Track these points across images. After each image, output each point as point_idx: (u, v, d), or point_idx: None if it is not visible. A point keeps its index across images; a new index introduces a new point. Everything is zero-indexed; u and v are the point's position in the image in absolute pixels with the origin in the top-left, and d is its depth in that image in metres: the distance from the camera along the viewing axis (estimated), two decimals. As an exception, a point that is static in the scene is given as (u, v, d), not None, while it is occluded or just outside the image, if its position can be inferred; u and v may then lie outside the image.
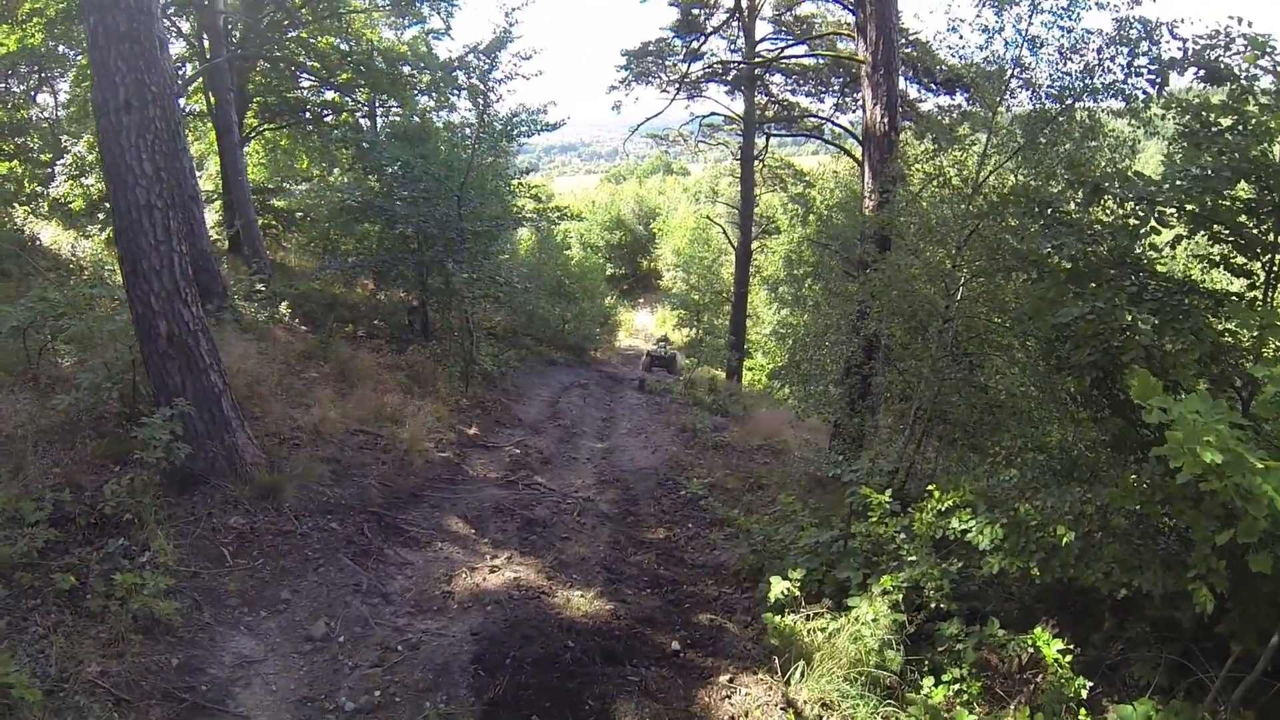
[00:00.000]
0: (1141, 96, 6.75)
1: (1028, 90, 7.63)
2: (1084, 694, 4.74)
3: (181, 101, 17.46)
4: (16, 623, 4.83)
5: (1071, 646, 4.90)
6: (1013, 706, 5.00)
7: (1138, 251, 5.49)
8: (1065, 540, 4.97)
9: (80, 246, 14.11)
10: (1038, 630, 5.07)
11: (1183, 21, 6.15)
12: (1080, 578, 4.95)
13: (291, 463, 7.93)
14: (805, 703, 5.15)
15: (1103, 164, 6.12)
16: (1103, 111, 7.56)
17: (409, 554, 7.21)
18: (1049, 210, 6.03)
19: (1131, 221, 5.30)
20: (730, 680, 5.46)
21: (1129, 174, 5.52)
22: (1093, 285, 5.34)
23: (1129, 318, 4.79)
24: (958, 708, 4.94)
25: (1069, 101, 7.29)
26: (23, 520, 5.45)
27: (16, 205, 13.70)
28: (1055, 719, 4.67)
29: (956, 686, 5.08)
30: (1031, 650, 5.06)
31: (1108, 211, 5.72)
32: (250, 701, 4.87)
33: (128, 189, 6.77)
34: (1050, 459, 6.24)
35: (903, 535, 5.88)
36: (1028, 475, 6.38)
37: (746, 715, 5.09)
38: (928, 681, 5.17)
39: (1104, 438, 5.93)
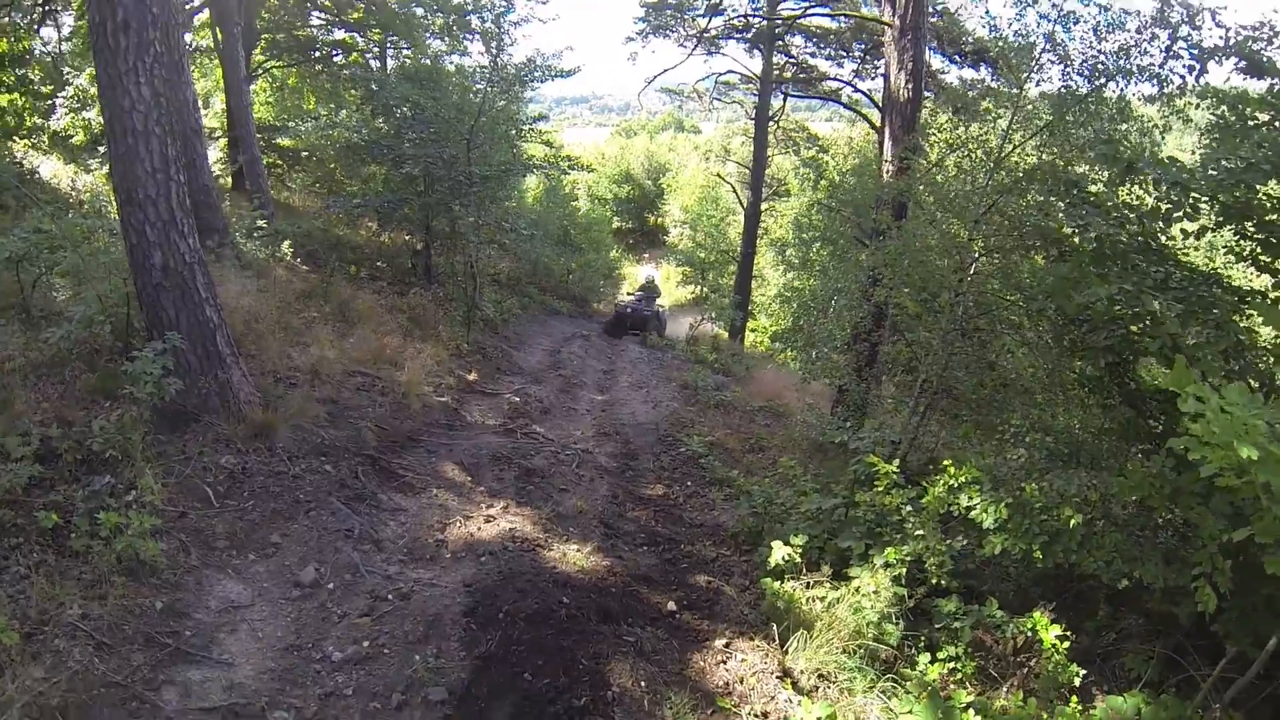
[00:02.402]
0: (1178, 81, 6.50)
1: (1059, 65, 7.33)
2: (1077, 681, 4.71)
3: (189, 37, 17.23)
4: None
5: (1068, 633, 4.86)
6: (1005, 689, 4.95)
7: (1163, 239, 5.32)
8: (1072, 523, 4.90)
9: (80, 180, 13.91)
10: (1036, 614, 5.02)
11: (1225, 9, 5.93)
12: (1081, 564, 4.92)
13: (287, 402, 7.76)
14: (802, 672, 5.09)
15: (1134, 146, 5.89)
16: (1134, 96, 7.30)
17: (403, 500, 7.09)
18: (1074, 189, 5.82)
19: (1163, 205, 5.10)
20: (726, 645, 5.36)
21: (1164, 158, 5.32)
22: (1116, 269, 5.16)
23: (1155, 305, 4.61)
24: (952, 686, 4.88)
25: (1101, 81, 7.02)
26: (7, 456, 5.28)
27: (17, 138, 13.45)
28: (1048, 704, 4.60)
29: (952, 665, 5.06)
30: (1028, 634, 5.03)
31: (1134, 196, 5.53)
32: (235, 648, 4.76)
33: (124, 113, 6.50)
34: (1056, 442, 6.10)
35: (909, 508, 5.76)
36: (1034, 457, 6.24)
37: (742, 681, 4.99)
38: (924, 658, 5.13)
39: (1110, 426, 5.81)
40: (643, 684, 4.77)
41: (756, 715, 4.68)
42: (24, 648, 4.16)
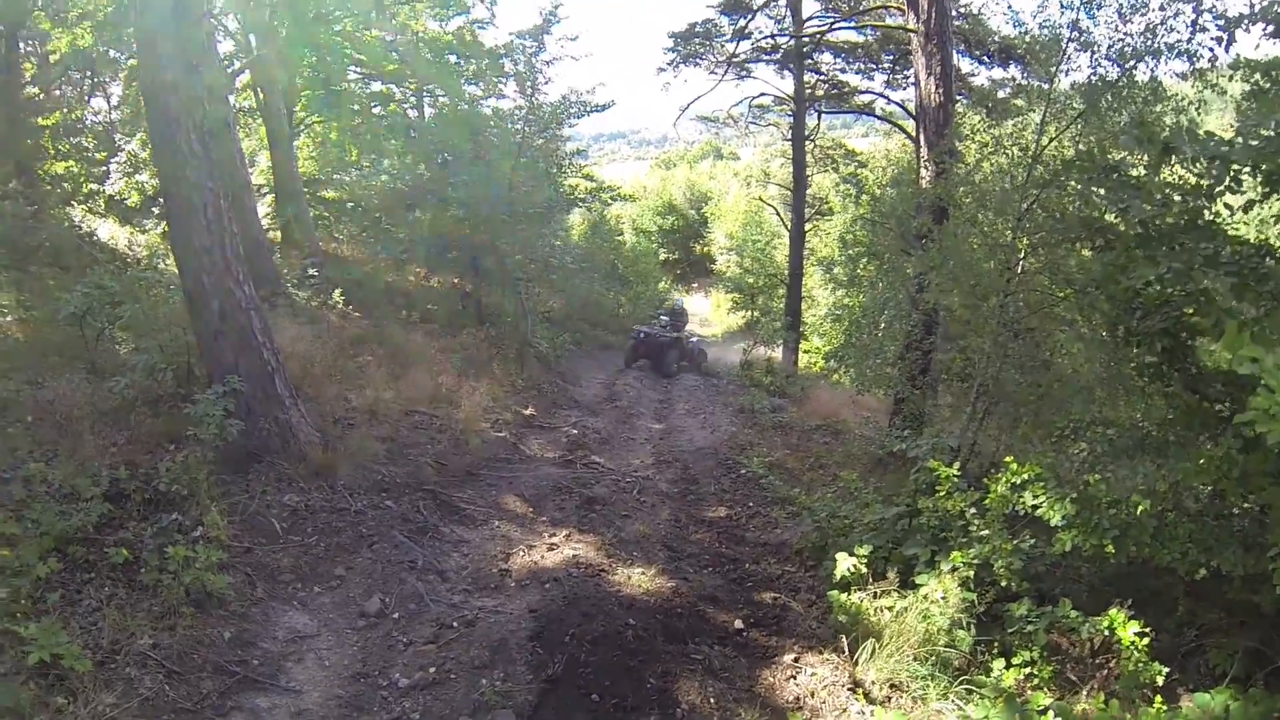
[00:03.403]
0: (1207, 55, 6.37)
1: (1086, 52, 7.22)
2: (1159, 680, 4.51)
3: (232, 99, 17.84)
4: (70, 596, 4.84)
5: (1146, 630, 4.65)
6: (1085, 692, 4.76)
7: (1209, 216, 5.19)
8: (1140, 510, 4.72)
9: (137, 240, 14.35)
10: (1113, 612, 4.80)
11: (1249, -25, 5.79)
12: (1155, 558, 4.71)
13: (346, 441, 7.91)
14: (873, 683, 4.97)
15: (1169, 125, 5.76)
16: (1166, 75, 7.16)
17: (465, 532, 7.15)
18: (1114, 175, 5.72)
19: (1205, 181, 4.97)
20: (795, 660, 5.29)
21: (1200, 132, 5.20)
22: (1163, 250, 5.04)
23: (1206, 282, 4.49)
24: (1029, 691, 4.72)
25: (1130, 64, 6.91)
26: (79, 496, 5.46)
27: (74, 203, 13.96)
28: (1131, 705, 4.43)
29: (1028, 670, 4.87)
30: (1105, 634, 4.81)
31: (1177, 176, 5.40)
32: (302, 676, 4.84)
33: (177, 168, 6.84)
34: (1119, 434, 5.93)
35: (973, 510, 5.64)
36: (1096, 450, 6.07)
37: (812, 695, 4.92)
38: (998, 664, 4.96)
39: (1171, 416, 5.63)
40: (711, 701, 4.73)
41: (831, 728, 4.62)
42: (96, 675, 4.25)
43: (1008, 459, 5.64)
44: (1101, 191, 5.36)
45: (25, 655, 4.10)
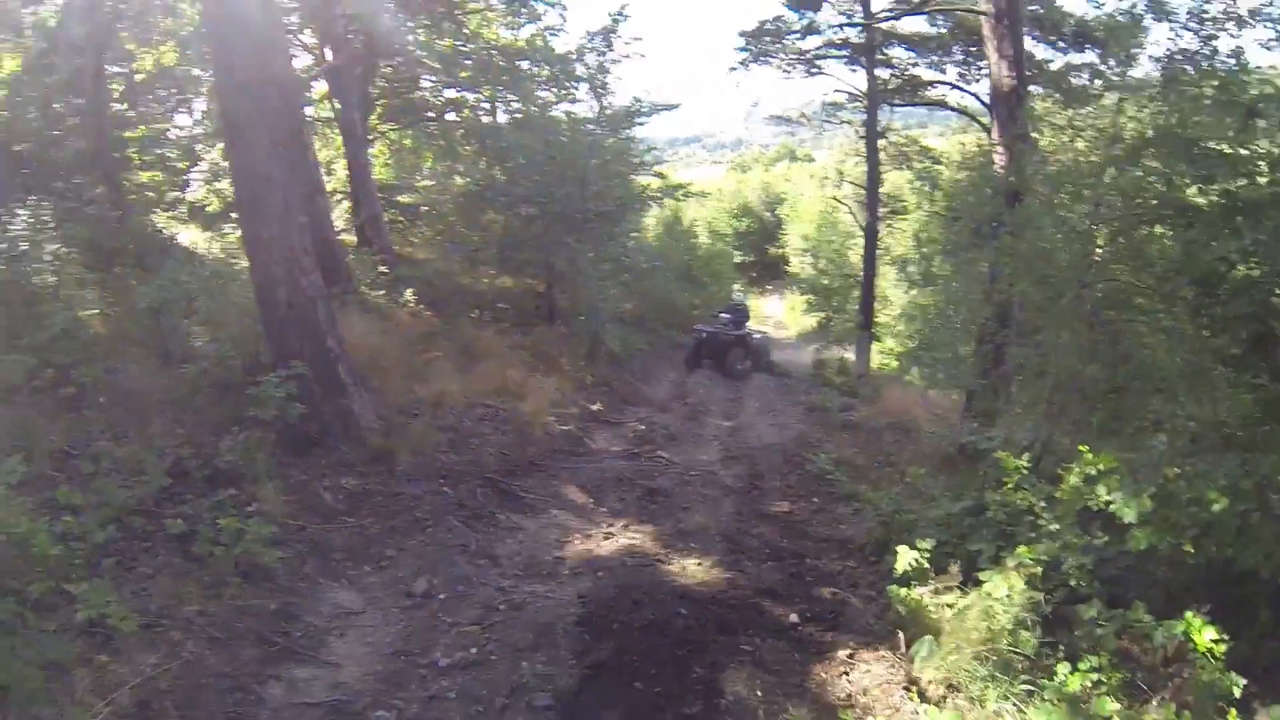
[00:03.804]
0: None
1: (1163, 20, 6.85)
2: (1236, 692, 4.10)
3: (310, 110, 18.34)
4: (126, 562, 5.00)
5: (1224, 637, 4.27)
6: (1156, 701, 4.44)
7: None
8: (1219, 507, 4.42)
9: (215, 246, 14.81)
10: (1189, 615, 4.46)
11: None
12: (1238, 560, 4.43)
13: (408, 430, 8.01)
14: (929, 682, 4.73)
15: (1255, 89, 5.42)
16: (1251, 45, 6.76)
17: (522, 520, 7.16)
18: (1194, 148, 5.40)
19: None
20: (850, 656, 5.09)
21: None
22: (1249, 223, 4.74)
23: None
24: (1095, 698, 4.43)
25: (1211, 31, 6.54)
26: (144, 472, 5.66)
27: (159, 211, 14.47)
28: (1204, 717, 4.14)
29: (1095, 676, 4.48)
30: (1180, 640, 4.45)
31: (1262, 146, 5.08)
32: (343, 651, 4.89)
33: (248, 164, 7.14)
34: (1200, 426, 5.60)
35: (1043, 504, 5.38)
36: (1177, 443, 5.73)
37: (865, 693, 4.72)
38: (1063, 668, 4.61)
39: (1257, 414, 5.30)
40: (759, 693, 4.58)
41: (883, 728, 4.44)
42: (141, 636, 4.38)
43: (1081, 446, 5.38)
44: (1183, 167, 5.10)
45: (75, 613, 4.25)
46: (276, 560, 5.37)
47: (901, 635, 5.10)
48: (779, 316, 35.96)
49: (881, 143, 22.31)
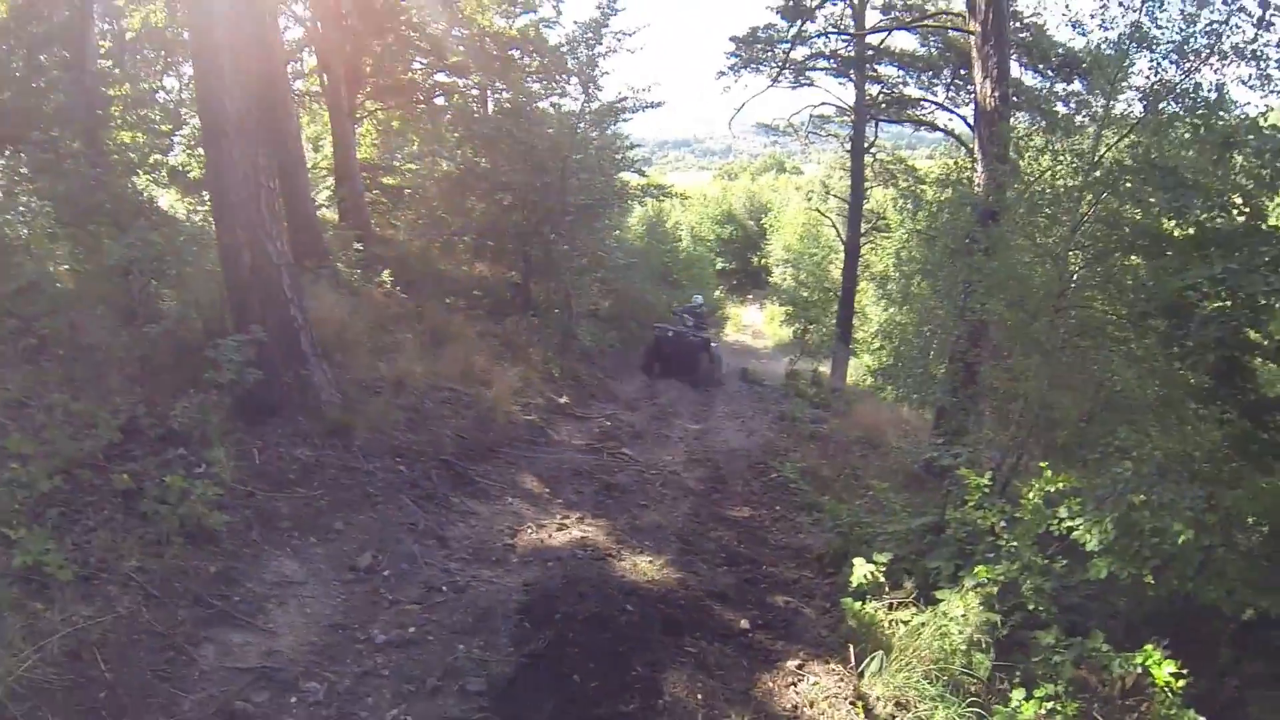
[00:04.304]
0: (1275, 56, 6.03)
1: (1145, 50, 6.86)
2: None
3: (299, 84, 18.44)
4: (70, 514, 4.91)
5: (1183, 671, 4.23)
6: None
7: (1274, 220, 4.84)
8: (1182, 539, 4.36)
9: (196, 213, 14.60)
10: (1148, 648, 4.40)
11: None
12: (1199, 594, 4.39)
13: (368, 406, 7.87)
14: (878, 699, 4.66)
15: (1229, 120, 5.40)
16: (1232, 81, 6.77)
17: (476, 505, 7.06)
18: (1170, 175, 5.37)
19: (1265, 172, 4.62)
20: (799, 667, 5.01)
21: (1262, 127, 4.85)
22: (1219, 253, 4.70)
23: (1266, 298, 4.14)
24: (1050, 725, 4.34)
25: (1193, 63, 6.54)
26: (96, 426, 5.56)
27: (140, 173, 14.26)
28: (1160, 754, 4.08)
29: (1050, 704, 4.40)
30: (1138, 672, 4.38)
31: (1238, 172, 5.06)
32: (281, 620, 4.83)
33: (218, 123, 6.95)
34: (1166, 457, 5.56)
35: (1004, 524, 5.31)
36: (1142, 470, 5.68)
37: (812, 705, 4.64)
38: (1017, 694, 4.52)
39: (1225, 448, 5.26)
40: (699, 697, 4.48)
41: (825, 742, 4.35)
42: (78, 588, 4.34)
43: (1042, 464, 5.32)
44: (1156, 195, 5.07)
45: (12, 558, 4.25)
46: (221, 524, 5.29)
47: (852, 649, 5.02)
48: (758, 325, 36.07)
49: (867, 159, 22.36)
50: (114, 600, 4.39)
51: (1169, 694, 4.19)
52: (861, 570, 5.47)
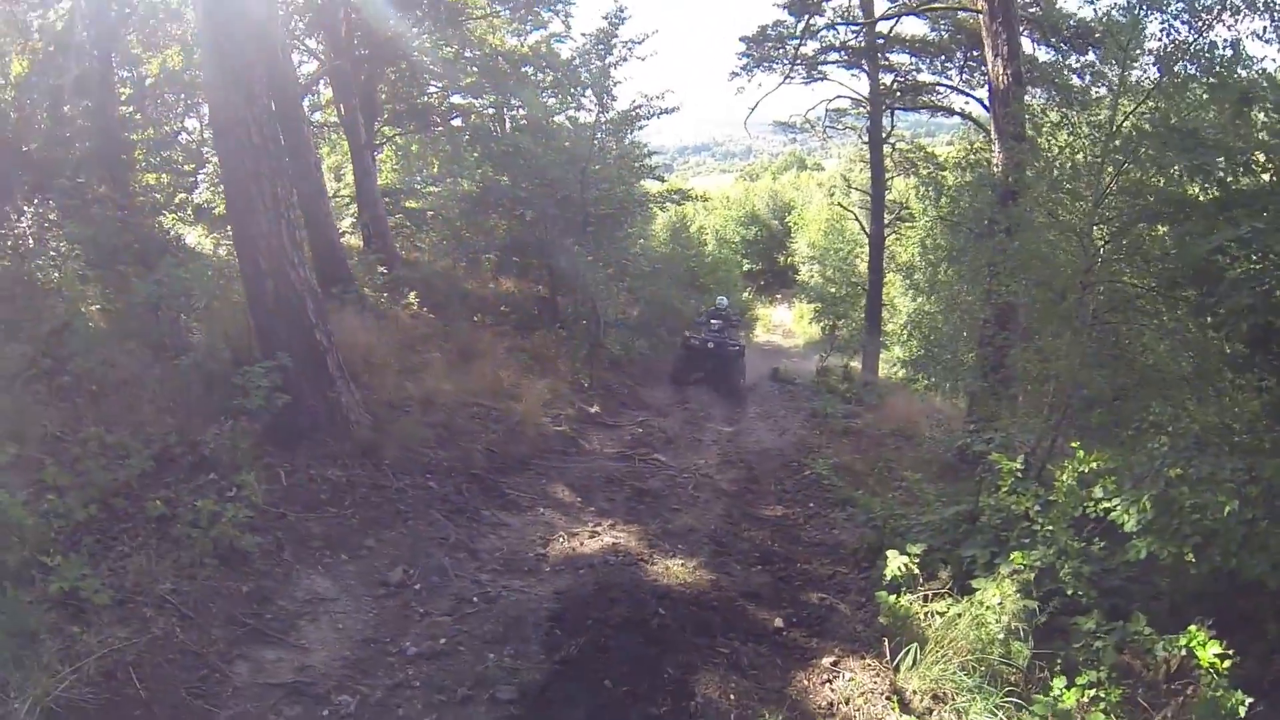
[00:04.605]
0: None
1: (1156, 12, 6.70)
2: (1241, 712, 3.91)
3: (318, 116, 18.71)
4: (106, 541, 5.03)
5: (1229, 652, 4.09)
6: None
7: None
8: (1228, 509, 4.22)
9: (221, 247, 14.85)
10: (1193, 629, 4.25)
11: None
12: (1243, 570, 4.23)
13: (397, 426, 7.96)
14: (914, 692, 4.55)
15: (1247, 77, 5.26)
16: (1247, 36, 6.60)
17: (506, 516, 7.13)
18: (1190, 138, 5.23)
19: None
20: (834, 663, 4.95)
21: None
22: (1244, 212, 4.56)
23: None
24: (1093, 713, 4.21)
25: (1204, 21, 6.39)
26: (129, 457, 5.70)
27: (165, 213, 14.53)
28: (1207, 737, 3.94)
29: (1093, 691, 4.24)
30: (1183, 655, 4.23)
31: (1261, 131, 4.92)
32: (313, 636, 4.92)
33: (237, 157, 7.12)
34: (1204, 430, 5.40)
35: (1038, 508, 5.20)
36: (1179, 445, 5.51)
37: (847, 702, 4.57)
38: (1058, 682, 4.37)
39: (1264, 417, 5.11)
40: (732, 697, 4.45)
41: (861, 739, 4.27)
42: (114, 611, 4.45)
43: (1074, 443, 5.20)
44: (1176, 158, 4.95)
45: (49, 585, 4.36)
46: (253, 545, 5.41)
47: (887, 643, 4.93)
48: (787, 325, 35.90)
49: (886, 149, 22.15)
50: (149, 622, 4.49)
51: (1215, 675, 4.04)
52: (895, 563, 5.36)
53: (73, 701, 3.80)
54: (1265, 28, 6.16)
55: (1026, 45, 14.99)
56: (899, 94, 21.90)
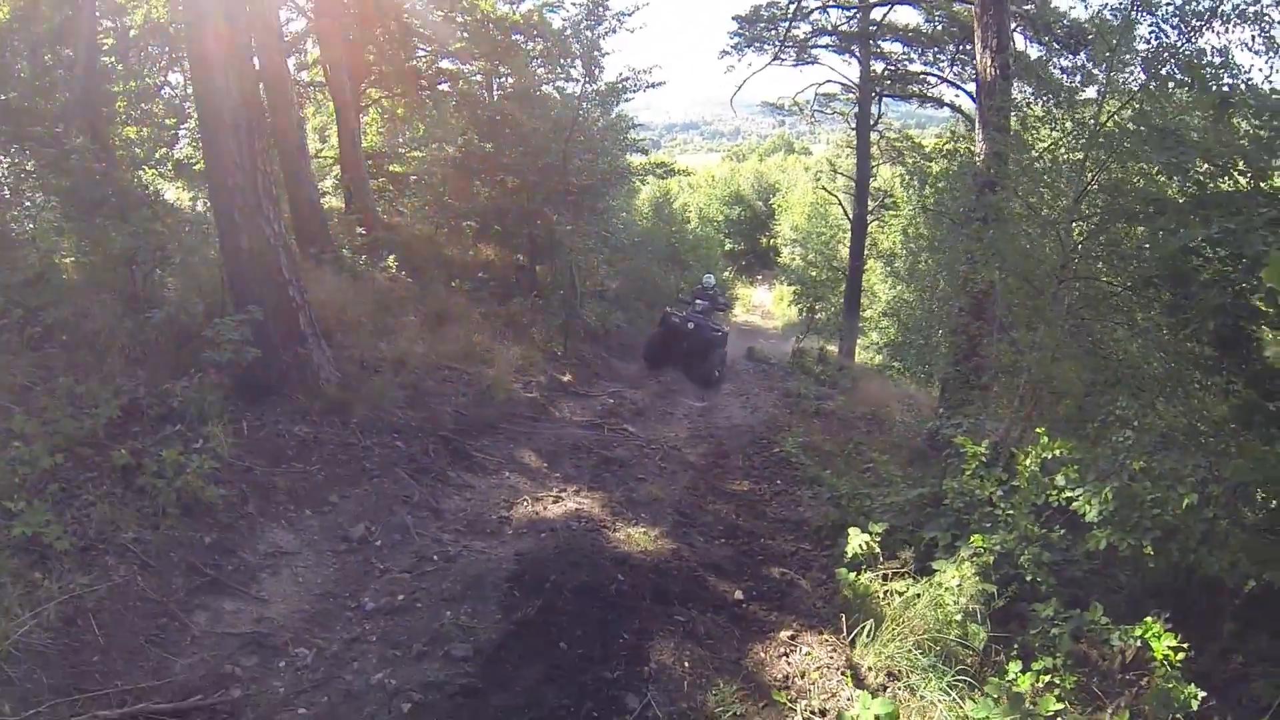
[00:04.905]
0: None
1: (1146, 14, 6.72)
2: (1194, 705, 3.93)
3: (305, 75, 18.72)
4: (71, 490, 5.05)
5: (1184, 645, 4.12)
6: (1110, 710, 4.29)
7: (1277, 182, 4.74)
8: (1186, 502, 4.28)
9: (200, 204, 14.67)
10: (1148, 620, 4.31)
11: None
12: (1201, 566, 4.27)
13: (368, 384, 7.97)
14: (869, 669, 4.59)
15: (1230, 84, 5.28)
16: (1235, 45, 6.64)
17: (472, 479, 7.12)
18: (1170, 136, 5.26)
19: (1264, 134, 4.51)
20: (792, 638, 4.97)
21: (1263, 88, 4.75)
22: (1219, 212, 4.60)
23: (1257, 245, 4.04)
24: (1047, 698, 4.27)
25: (1194, 27, 6.42)
26: (97, 407, 5.69)
27: (145, 168, 14.33)
28: (1158, 728, 4.00)
29: (1047, 677, 4.29)
30: (1138, 646, 4.27)
31: (1242, 138, 4.95)
32: (273, 589, 4.98)
33: (213, 108, 7.08)
34: (1171, 430, 5.47)
35: (1001, 493, 5.25)
36: (1144, 440, 5.58)
37: (803, 675, 4.59)
38: (1014, 666, 4.44)
39: (1230, 418, 5.17)
40: (686, 665, 4.48)
41: (815, 712, 4.27)
42: (76, 558, 4.52)
43: (1039, 429, 5.25)
44: (1152, 154, 4.97)
45: (11, 529, 4.42)
46: (217, 497, 5.42)
47: (845, 620, 4.96)
48: (767, 306, 35.98)
49: (874, 136, 22.20)
50: (110, 570, 4.54)
51: (1169, 667, 4.09)
52: (856, 540, 5.41)
53: (31, 646, 3.84)
54: (1254, 37, 6.17)
55: (1020, 42, 14.99)
56: (889, 81, 21.91)
